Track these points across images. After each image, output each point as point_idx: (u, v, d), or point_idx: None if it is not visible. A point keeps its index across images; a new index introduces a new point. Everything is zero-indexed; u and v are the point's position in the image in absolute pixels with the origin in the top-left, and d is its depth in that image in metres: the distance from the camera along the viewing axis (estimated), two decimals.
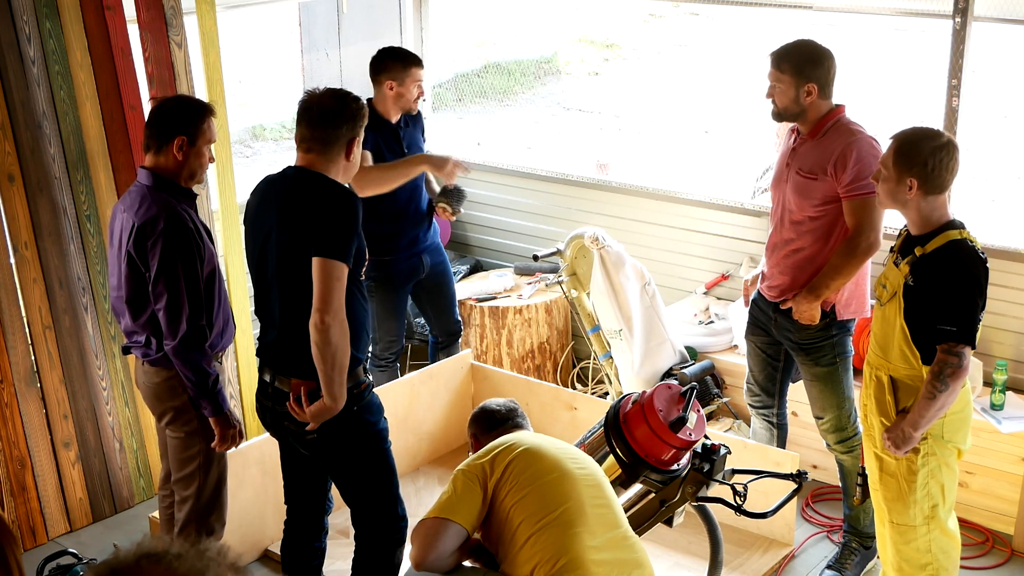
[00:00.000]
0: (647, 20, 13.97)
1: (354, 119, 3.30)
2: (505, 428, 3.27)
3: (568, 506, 2.89)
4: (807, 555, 4.27)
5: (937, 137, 3.25)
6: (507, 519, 2.91)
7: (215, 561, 1.42)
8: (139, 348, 3.59)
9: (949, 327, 3.19)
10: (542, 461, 2.97)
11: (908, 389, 3.36)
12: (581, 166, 6.10)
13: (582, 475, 2.99)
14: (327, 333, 3.15)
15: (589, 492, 2.96)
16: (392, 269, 4.81)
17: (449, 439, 5.11)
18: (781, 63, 3.80)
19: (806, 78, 3.76)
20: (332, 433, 3.35)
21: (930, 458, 3.37)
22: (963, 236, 3.26)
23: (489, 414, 3.34)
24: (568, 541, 2.84)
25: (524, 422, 3.34)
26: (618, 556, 2.90)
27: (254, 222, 3.39)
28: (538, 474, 2.93)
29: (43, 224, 4.29)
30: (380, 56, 4.68)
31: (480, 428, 3.34)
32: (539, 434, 3.19)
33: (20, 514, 4.36)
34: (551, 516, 2.87)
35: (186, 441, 3.62)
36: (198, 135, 3.46)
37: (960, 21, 4.34)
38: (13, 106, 4.17)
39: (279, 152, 10.46)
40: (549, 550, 2.83)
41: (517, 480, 2.92)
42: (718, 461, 3.52)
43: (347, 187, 3.31)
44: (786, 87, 3.78)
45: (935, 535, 3.45)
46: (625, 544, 2.95)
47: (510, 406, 3.37)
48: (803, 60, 3.77)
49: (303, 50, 11.71)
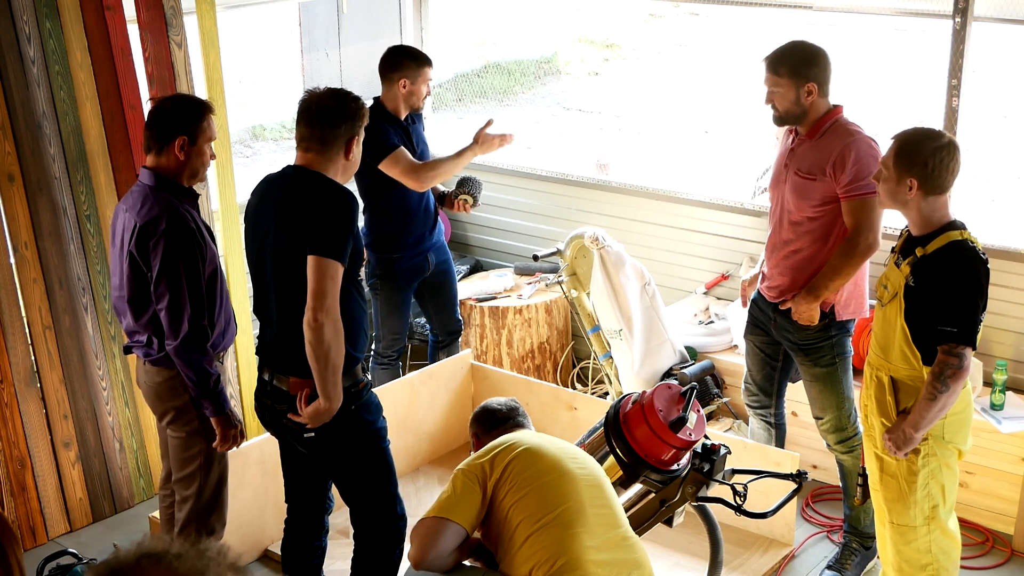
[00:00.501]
0: (647, 20, 13.97)
1: (353, 118, 3.30)
2: (506, 427, 3.27)
3: (568, 506, 2.89)
4: (807, 555, 4.27)
5: (938, 137, 3.24)
6: (506, 519, 2.91)
7: (215, 561, 1.42)
8: (140, 348, 3.59)
9: (950, 328, 3.19)
10: (542, 461, 2.97)
11: (909, 390, 3.36)
12: (581, 166, 6.09)
13: (582, 475, 2.99)
14: (320, 331, 3.15)
15: (589, 492, 2.96)
16: (398, 267, 4.83)
17: (449, 439, 5.11)
18: (778, 67, 3.79)
19: (804, 78, 3.75)
20: (330, 432, 3.35)
21: (930, 459, 3.37)
22: (964, 237, 3.25)
23: (490, 413, 3.34)
24: (567, 541, 2.84)
25: (525, 421, 3.34)
26: (617, 556, 2.90)
27: (253, 221, 3.40)
28: (538, 474, 2.93)
29: (43, 224, 4.29)
30: (395, 54, 4.71)
31: (481, 427, 3.34)
32: (540, 433, 3.19)
33: (20, 514, 4.36)
34: (550, 516, 2.87)
35: (187, 441, 3.62)
36: (199, 134, 3.46)
37: (960, 21, 4.34)
38: (13, 106, 4.17)
39: (279, 152, 10.46)
40: (548, 550, 2.83)
41: (517, 480, 2.92)
42: (718, 461, 3.51)
43: (344, 186, 3.31)
44: (785, 90, 3.77)
45: (935, 536, 3.45)
46: (625, 544, 2.95)
47: (511, 405, 3.37)
48: (799, 61, 3.76)
49: (303, 50, 11.71)
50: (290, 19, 11.47)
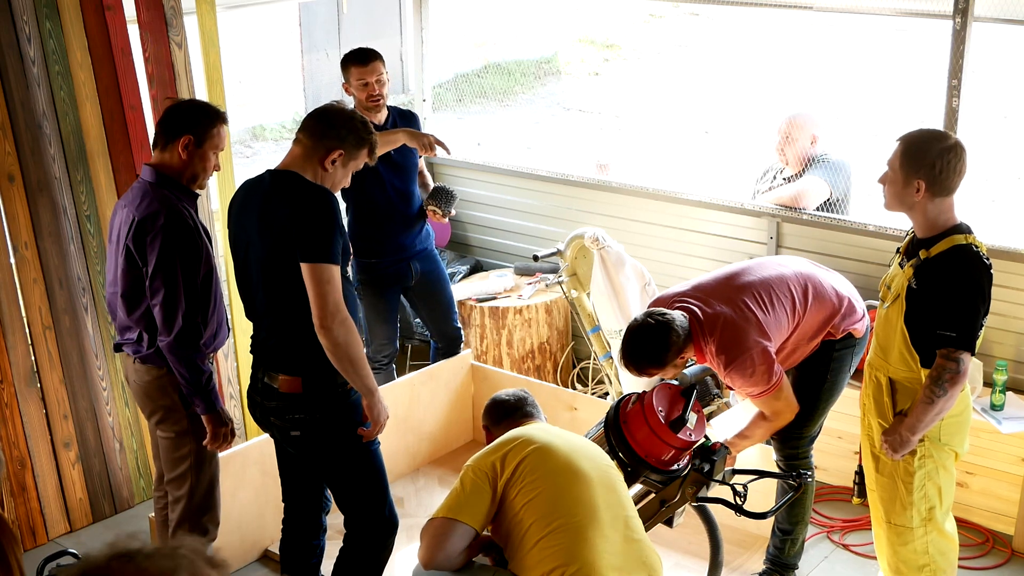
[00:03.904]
0: (647, 20, 13.98)
1: (348, 132, 3.29)
2: (515, 418, 3.25)
3: (580, 510, 2.86)
4: (806, 555, 4.27)
5: (945, 139, 3.21)
6: (517, 520, 2.88)
7: (187, 559, 1.42)
8: (131, 345, 3.59)
9: (949, 332, 3.17)
10: (554, 459, 2.93)
11: (906, 391, 3.35)
12: (581, 166, 6.09)
13: (596, 475, 2.95)
14: (332, 335, 3.17)
15: (603, 494, 2.93)
16: (377, 271, 4.80)
17: (449, 439, 5.11)
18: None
19: None
20: (316, 432, 3.37)
21: (927, 460, 3.36)
22: (969, 241, 3.22)
23: (499, 405, 3.32)
24: (580, 547, 2.81)
25: (535, 411, 3.32)
26: (630, 561, 2.88)
27: (235, 229, 3.41)
28: (550, 474, 2.90)
29: (43, 224, 4.29)
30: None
31: (491, 419, 3.32)
32: (552, 428, 3.16)
33: (20, 514, 4.36)
34: (563, 520, 2.84)
35: (176, 441, 3.62)
36: (205, 138, 3.46)
37: (960, 21, 4.34)
38: (13, 106, 4.17)
39: (279, 152, 10.46)
40: (560, 556, 2.80)
41: (528, 480, 2.89)
42: (718, 461, 3.51)
43: (322, 187, 3.28)
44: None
45: (932, 537, 3.44)
46: (637, 548, 2.93)
47: (520, 395, 3.34)
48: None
49: (303, 50, 11.72)
50: (290, 19, 11.48)
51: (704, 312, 3.57)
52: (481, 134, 10.32)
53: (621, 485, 3.04)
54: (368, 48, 4.70)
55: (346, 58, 4.67)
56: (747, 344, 3.51)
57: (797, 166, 4.98)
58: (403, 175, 4.79)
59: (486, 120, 11.14)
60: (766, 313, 3.59)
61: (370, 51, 4.68)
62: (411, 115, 4.90)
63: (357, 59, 4.63)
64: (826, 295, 3.70)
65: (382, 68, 4.66)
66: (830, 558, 4.27)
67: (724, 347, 3.53)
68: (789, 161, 4.99)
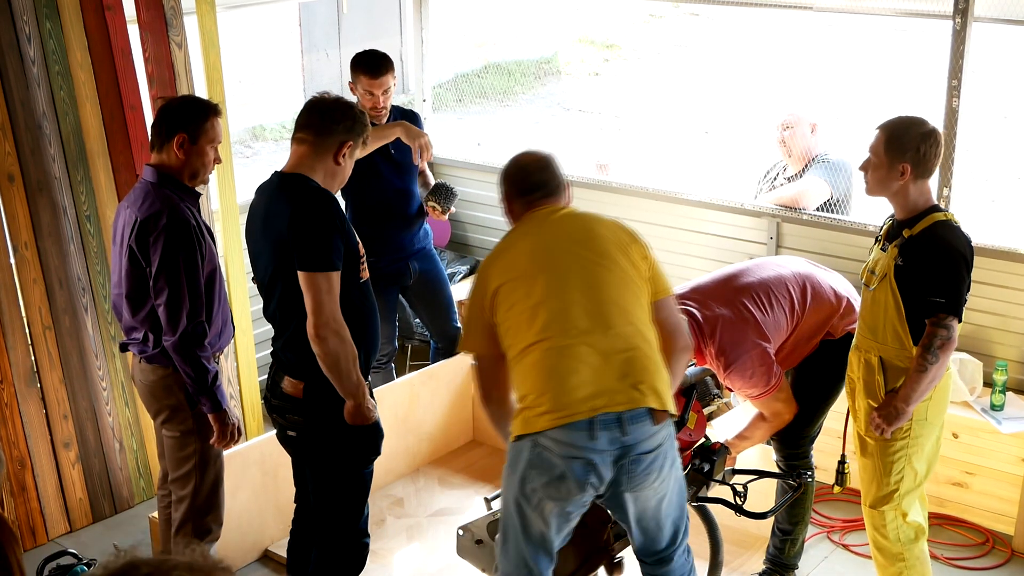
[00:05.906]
0: (647, 20, 13.98)
1: (353, 122, 3.30)
2: (534, 199, 3.16)
3: (554, 327, 2.92)
4: (806, 555, 4.26)
5: (924, 124, 3.39)
6: (505, 345, 3.01)
7: (178, 569, 1.41)
8: (136, 345, 3.59)
9: (939, 299, 3.30)
10: (525, 286, 2.98)
11: (897, 371, 3.43)
12: (581, 166, 6.08)
13: (579, 283, 2.97)
14: (324, 343, 3.18)
15: (581, 301, 2.95)
16: (376, 271, 4.79)
17: (449, 439, 5.11)
18: None
19: None
20: (309, 437, 3.38)
21: (910, 442, 3.45)
22: (948, 218, 3.40)
23: (522, 177, 3.20)
24: (546, 377, 2.88)
25: (557, 189, 3.21)
26: (609, 373, 2.89)
27: (249, 235, 3.43)
28: (520, 300, 2.98)
29: (43, 224, 4.29)
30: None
31: (513, 189, 3.21)
32: (550, 227, 3.13)
33: (20, 514, 4.36)
34: (533, 351, 2.92)
35: (182, 440, 3.63)
36: (199, 133, 3.46)
37: (960, 21, 4.34)
38: (13, 106, 4.17)
39: (279, 152, 10.47)
40: (528, 384, 2.92)
41: (504, 308, 3.00)
42: (718, 461, 3.51)
43: (321, 188, 3.28)
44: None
45: (899, 522, 3.53)
46: (623, 343, 2.94)
47: (543, 166, 3.21)
48: None
49: (303, 50, 11.72)
50: (290, 19, 11.48)
51: (703, 314, 3.58)
52: (481, 134, 10.31)
53: (616, 277, 3.04)
54: (381, 56, 4.58)
55: (358, 61, 4.58)
56: (746, 346, 3.54)
57: (799, 159, 4.95)
58: (403, 174, 4.78)
59: (486, 120, 11.14)
60: (765, 314, 3.61)
61: (382, 61, 4.56)
62: (413, 114, 4.88)
63: (368, 69, 4.54)
64: (825, 295, 3.72)
65: (391, 81, 4.59)
66: (830, 558, 4.27)
67: (724, 349, 3.55)
68: (792, 152, 4.94)
